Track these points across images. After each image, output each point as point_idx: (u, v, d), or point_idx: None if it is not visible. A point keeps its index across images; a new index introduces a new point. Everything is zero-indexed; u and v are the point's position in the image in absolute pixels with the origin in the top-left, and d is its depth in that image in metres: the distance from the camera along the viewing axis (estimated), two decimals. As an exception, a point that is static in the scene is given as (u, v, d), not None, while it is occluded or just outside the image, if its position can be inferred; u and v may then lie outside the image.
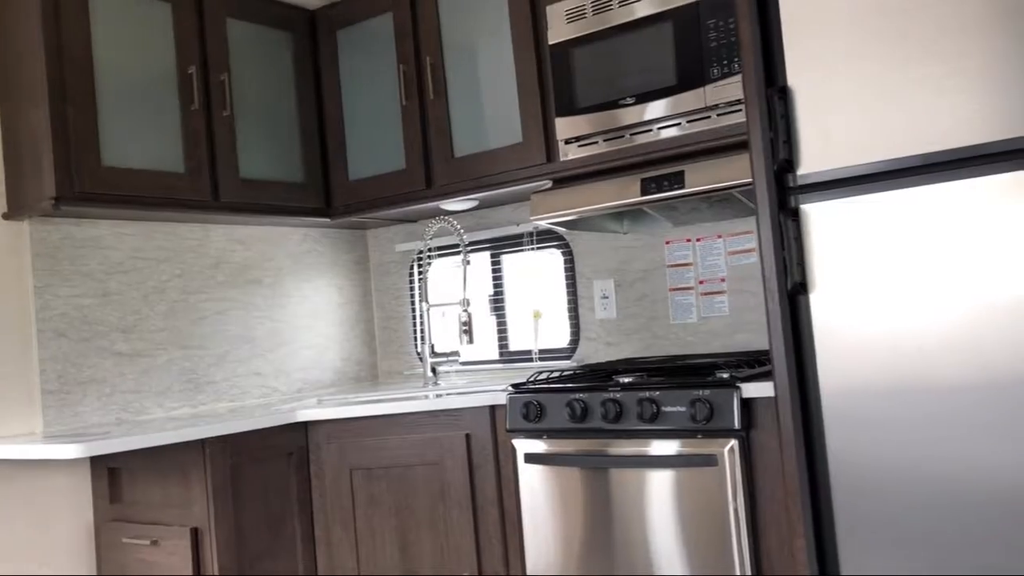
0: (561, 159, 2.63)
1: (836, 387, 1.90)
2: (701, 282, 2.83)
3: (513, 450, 2.39)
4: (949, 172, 1.78)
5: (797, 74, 1.94)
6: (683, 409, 2.11)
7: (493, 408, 2.46)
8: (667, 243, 2.89)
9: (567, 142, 2.60)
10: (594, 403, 2.24)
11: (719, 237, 2.79)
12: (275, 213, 2.96)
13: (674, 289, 2.88)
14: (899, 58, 1.83)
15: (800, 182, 1.94)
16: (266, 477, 2.45)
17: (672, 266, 2.88)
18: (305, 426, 2.57)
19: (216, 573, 2.28)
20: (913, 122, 1.82)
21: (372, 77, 3.04)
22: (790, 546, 1.95)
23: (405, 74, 2.93)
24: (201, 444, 2.30)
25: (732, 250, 2.77)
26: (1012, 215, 1.72)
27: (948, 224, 1.79)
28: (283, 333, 3.22)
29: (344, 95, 3.11)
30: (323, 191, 3.11)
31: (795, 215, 1.94)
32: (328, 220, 3.16)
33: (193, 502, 2.32)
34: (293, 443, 2.54)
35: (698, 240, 2.84)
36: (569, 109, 2.57)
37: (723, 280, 2.79)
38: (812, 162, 1.93)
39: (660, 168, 2.43)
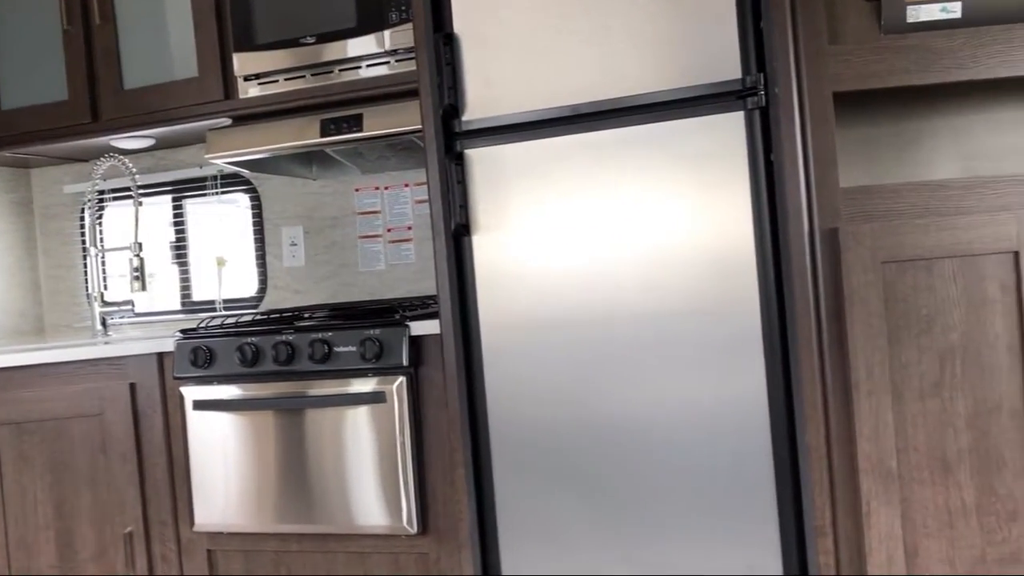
0: (240, 96, 2.53)
1: (494, 323, 2.00)
2: (389, 230, 2.86)
3: (182, 398, 2.29)
4: (595, 122, 1.92)
5: (462, 22, 2.00)
6: (354, 349, 2.12)
7: (161, 356, 2.34)
8: (356, 190, 2.88)
9: (246, 79, 2.51)
10: (266, 346, 2.20)
11: (406, 186, 2.83)
12: (-93, 142, 2.60)
13: (363, 237, 2.88)
14: (555, 11, 1.93)
15: (464, 128, 2.00)
16: None
17: (361, 214, 2.88)
18: (-59, 379, 2.30)
19: None
20: (566, 73, 1.93)
21: (30, -4, 2.74)
22: (452, 475, 2.04)
23: (68, -5, 2.67)
24: None
25: (419, 199, 2.82)
26: (646, 165, 1.89)
27: (594, 171, 1.93)
28: (-77, 280, 2.85)
29: (-3, 14, 2.78)
30: (-29, 121, 2.78)
31: (459, 159, 2.00)
32: (-22, 154, 2.83)
33: None
34: (-75, 398, 2.26)
35: (386, 188, 2.86)
36: (248, 44, 2.47)
37: (410, 228, 2.83)
38: (475, 109, 2.00)
39: (341, 110, 2.41)
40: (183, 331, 2.32)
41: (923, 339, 1.79)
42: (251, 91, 2.51)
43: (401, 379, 2.10)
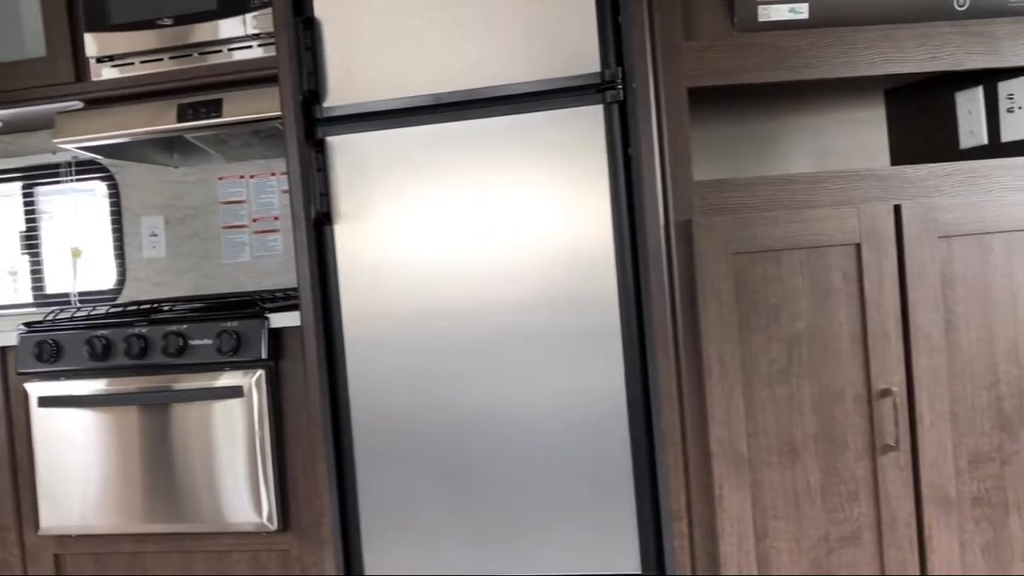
0: (93, 79, 2.41)
1: (357, 314, 1.97)
2: (255, 220, 2.78)
3: (26, 394, 2.17)
4: (457, 112, 1.91)
5: (324, 6, 1.96)
6: (210, 342, 2.05)
7: (4, 351, 2.21)
8: (220, 179, 2.79)
9: (100, 60, 2.39)
10: (117, 340, 2.11)
11: (273, 175, 2.76)
12: None
13: (227, 227, 2.80)
14: None
15: (325, 114, 1.96)
16: None
17: (225, 203, 2.79)
18: None
19: None
20: (429, 62, 1.92)
21: None
22: (313, 470, 1.99)
23: (-99, -35, 2.49)
24: None
25: (286, 188, 2.75)
26: (508, 156, 1.89)
27: (457, 162, 1.92)
28: None
29: None
30: None
31: (320, 147, 1.96)
32: None
33: None
34: None
35: (251, 177, 2.78)
36: (102, 24, 2.36)
37: (276, 219, 2.76)
38: (337, 95, 1.96)
39: (201, 95, 2.32)
40: (27, 324, 2.20)
41: (772, 328, 1.86)
42: (105, 73, 2.40)
43: (260, 372, 2.04)
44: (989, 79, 2.05)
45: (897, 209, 1.85)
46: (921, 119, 2.31)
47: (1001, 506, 1.89)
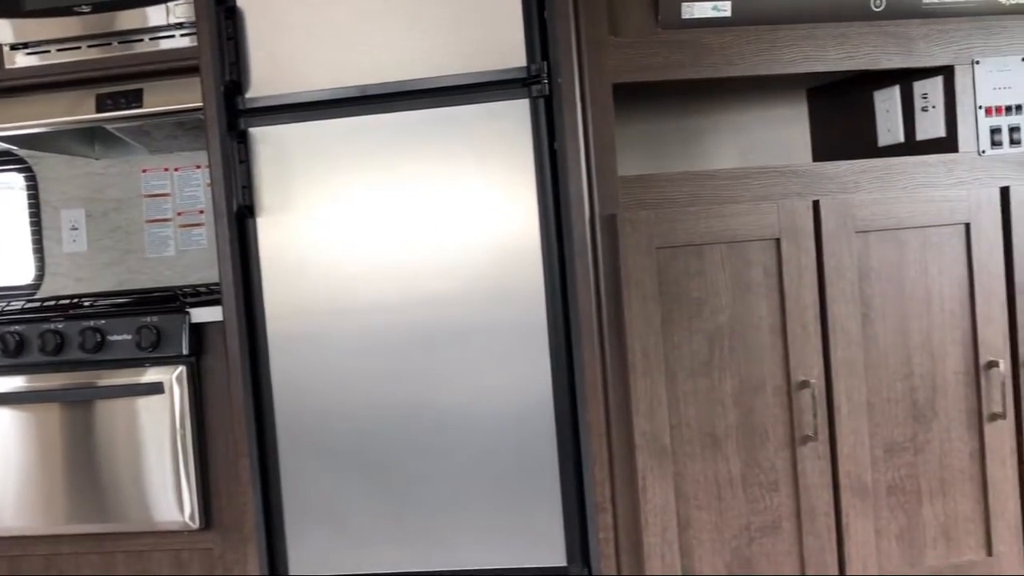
0: (7, 67, 2.33)
1: (282, 309, 1.94)
2: (179, 213, 2.72)
3: (-66, 393, 2.09)
4: (383, 105, 1.90)
5: (246, -5, 1.92)
6: (129, 337, 2.01)
7: (-90, 348, 2.12)
8: (144, 171, 2.73)
9: (14, 48, 2.31)
10: (32, 336, 2.04)
11: (198, 168, 2.70)
12: None
13: (151, 221, 2.74)
14: (343, -10, 1.89)
15: (248, 105, 1.93)
16: None
17: (149, 196, 2.73)
18: None
19: None
20: (355, 53, 1.90)
21: None
22: (236, 468, 1.96)
23: None
24: None
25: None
26: (436, 149, 1.88)
27: (384, 155, 1.90)
28: None
29: None
30: None
31: (243, 138, 1.93)
32: None
33: None
34: None
35: (176, 170, 2.72)
36: (16, 10, 2.28)
37: (202, 212, 2.71)
38: (260, 86, 1.93)
39: (121, 85, 2.26)
40: (-65, 320, 2.12)
41: (694, 321, 1.88)
42: (20, 61, 2.32)
43: (181, 368, 2.00)
44: (906, 79, 2.11)
45: (816, 205, 1.90)
46: (842, 117, 2.37)
47: (914, 494, 1.95)
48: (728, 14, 1.93)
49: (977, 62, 1.99)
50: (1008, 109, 2.00)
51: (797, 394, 1.89)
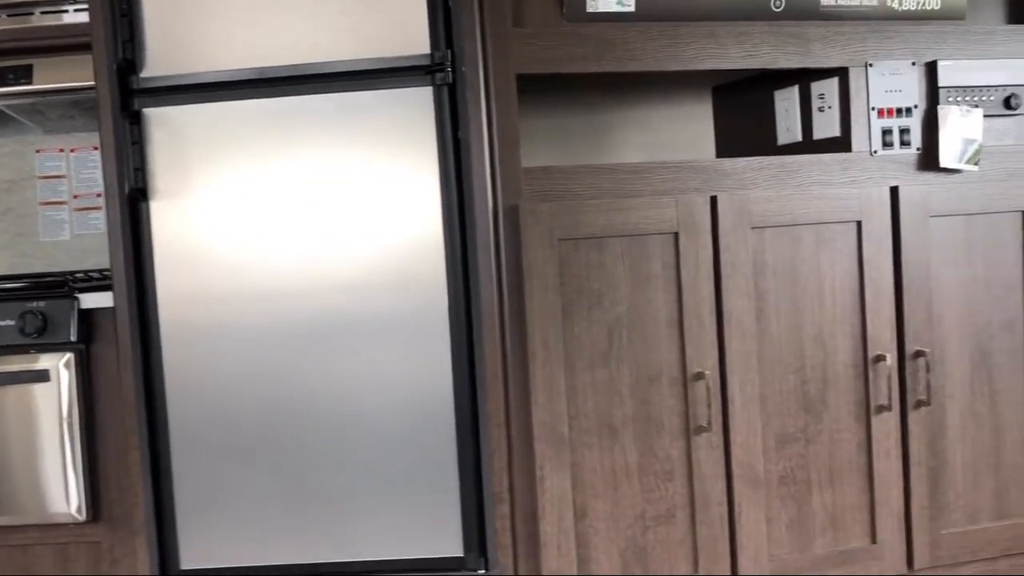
0: None
1: (176, 296, 1.89)
2: (76, 196, 2.63)
3: None
4: (282, 88, 1.86)
5: (143, -29, 1.86)
6: (13, 323, 1.93)
7: None
8: (38, 152, 2.62)
9: None
10: (-93, 320, 1.95)
11: (95, 149, 2.60)
12: None
13: (45, 203, 2.63)
14: (243, -30, 1.85)
15: (143, 85, 1.87)
16: None
17: (43, 177, 2.63)
18: None
19: None
20: (254, 35, 1.85)
21: None
22: (126, 459, 1.90)
23: None
24: None
25: (110, 164, 2.61)
26: (337, 135, 1.85)
27: (284, 139, 1.87)
28: None
29: None
30: None
31: (137, 119, 1.87)
32: None
33: None
34: None
35: (72, 151, 2.62)
36: None
37: (99, 195, 2.61)
38: (156, 65, 1.87)
39: (9, 60, 2.17)
40: None
41: (594, 312, 1.90)
42: (-100, 31, 2.20)
43: (69, 356, 1.93)
44: (805, 79, 2.16)
45: (713, 200, 1.93)
46: (745, 115, 2.42)
47: (804, 484, 2.00)
48: (632, 9, 1.95)
49: (870, 65, 2.05)
50: (899, 111, 2.07)
51: (692, 385, 1.92)
